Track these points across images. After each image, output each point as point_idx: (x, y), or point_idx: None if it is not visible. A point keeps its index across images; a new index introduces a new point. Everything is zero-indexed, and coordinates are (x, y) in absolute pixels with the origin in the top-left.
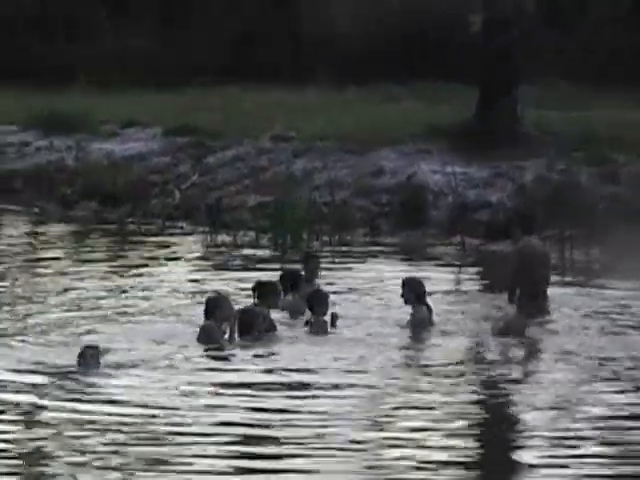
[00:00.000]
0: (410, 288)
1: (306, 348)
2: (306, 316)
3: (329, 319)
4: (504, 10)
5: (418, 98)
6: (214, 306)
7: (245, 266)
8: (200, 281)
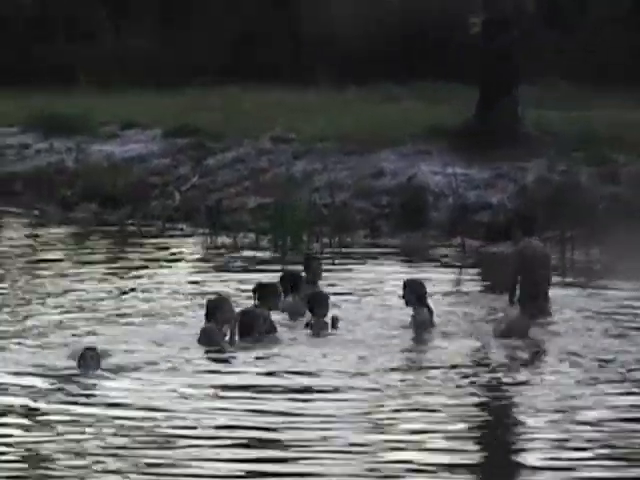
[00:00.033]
0: (411, 290)
1: (307, 350)
2: (306, 318)
3: (330, 321)
4: (504, 10)
5: (418, 98)
6: (215, 308)
7: (245, 268)
8: (200, 283)
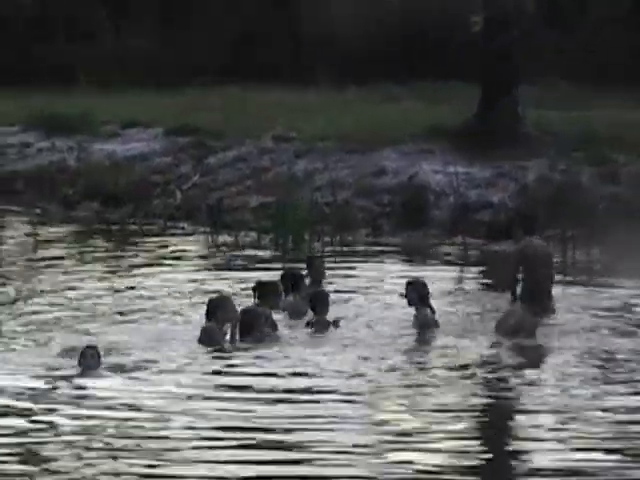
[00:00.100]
0: (414, 289)
1: (308, 350)
2: (307, 317)
3: (331, 320)
4: (504, 8)
5: (418, 98)
6: (216, 307)
7: (246, 267)
8: (201, 281)
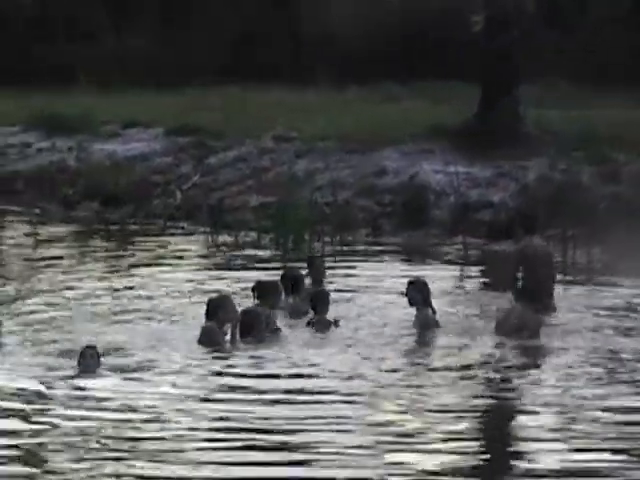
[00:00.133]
0: (416, 290)
1: (308, 350)
2: (308, 317)
3: (332, 319)
4: (504, 9)
5: (418, 98)
6: (216, 307)
7: (247, 266)
8: (201, 281)
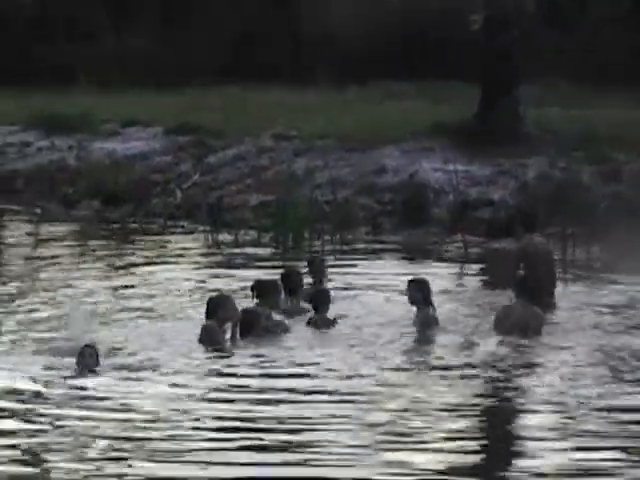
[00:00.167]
0: (417, 289)
1: (309, 350)
2: (308, 316)
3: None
4: (504, 8)
5: (418, 98)
6: (216, 306)
7: (246, 265)
8: (201, 280)
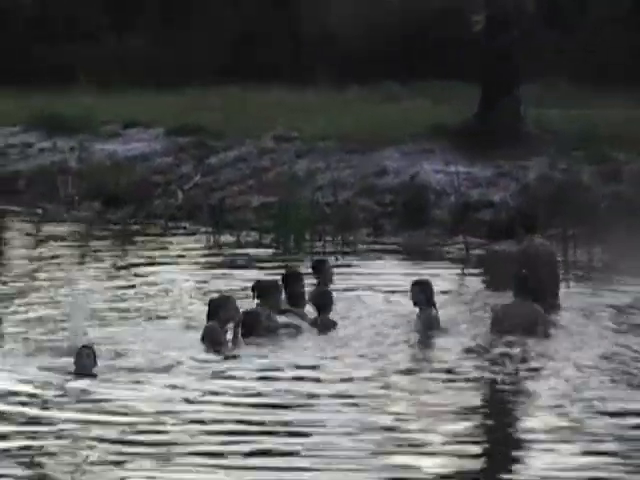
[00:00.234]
0: (420, 290)
1: (310, 351)
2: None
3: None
4: (504, 9)
5: (418, 98)
6: (218, 307)
7: (248, 266)
8: (203, 281)
